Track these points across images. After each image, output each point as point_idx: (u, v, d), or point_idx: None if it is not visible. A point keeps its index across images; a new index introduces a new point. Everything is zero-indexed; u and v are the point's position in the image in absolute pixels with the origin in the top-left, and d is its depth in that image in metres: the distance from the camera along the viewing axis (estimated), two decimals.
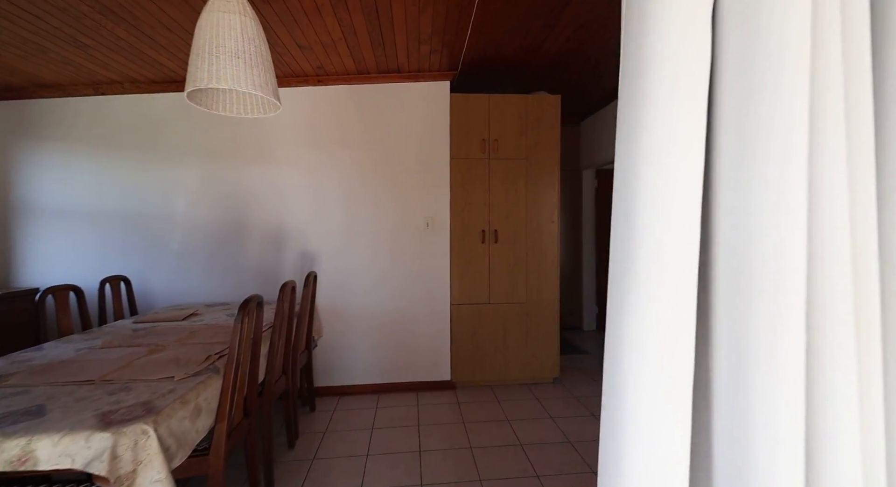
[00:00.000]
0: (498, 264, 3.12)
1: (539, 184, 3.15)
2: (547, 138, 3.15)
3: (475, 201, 3.11)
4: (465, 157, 3.10)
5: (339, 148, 3.06)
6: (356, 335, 3.05)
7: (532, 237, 3.14)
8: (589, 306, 4.79)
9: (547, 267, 3.15)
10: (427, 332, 3.09)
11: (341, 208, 3.05)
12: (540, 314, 3.14)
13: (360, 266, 3.05)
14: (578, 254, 4.85)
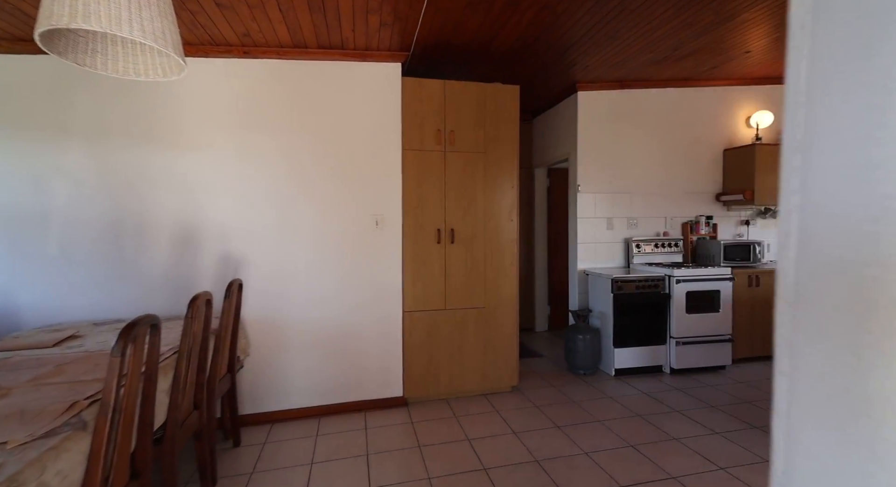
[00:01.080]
0: (455, 267, 2.86)
1: (498, 180, 2.94)
2: (506, 132, 2.94)
3: (430, 197, 2.82)
4: (419, 148, 2.80)
5: (271, 134, 2.61)
6: (292, 351, 2.62)
7: (491, 237, 2.92)
8: (541, 307, 4.71)
9: (506, 269, 2.95)
10: (376, 344, 2.75)
11: (274, 204, 2.60)
12: (499, 319, 2.93)
13: (298, 272, 2.63)
14: (531, 254, 4.75)
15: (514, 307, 2.96)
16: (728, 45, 3.11)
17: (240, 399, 2.52)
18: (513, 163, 2.96)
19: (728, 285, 3.33)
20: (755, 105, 4.06)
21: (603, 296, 3.37)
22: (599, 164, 3.82)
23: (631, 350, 3.25)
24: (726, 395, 2.84)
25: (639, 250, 3.74)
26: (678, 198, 3.97)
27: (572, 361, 3.29)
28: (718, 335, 3.31)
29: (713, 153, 4.02)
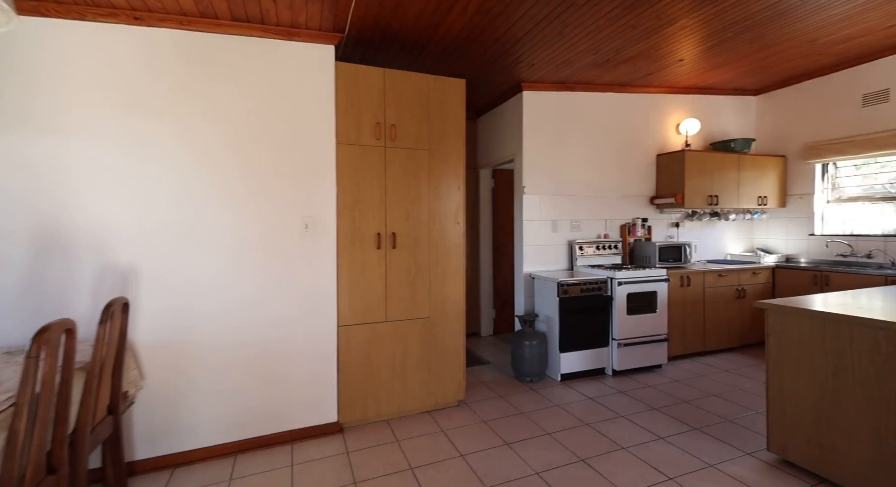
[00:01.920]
0: (397, 275, 2.60)
1: (444, 180, 2.73)
2: (452, 128, 2.74)
3: (369, 197, 2.53)
4: (356, 143, 2.51)
5: (172, 120, 2.16)
6: (201, 378, 2.20)
7: (436, 242, 2.71)
8: (486, 310, 4.60)
9: (452, 275, 2.75)
10: (306, 364, 2.41)
11: (176, 203, 2.16)
12: (445, 329, 2.73)
13: (208, 284, 2.21)
14: (476, 256, 4.63)
15: (461, 317, 2.78)
16: (664, 52, 3.17)
17: (131, 443, 2.06)
18: (459, 162, 2.77)
19: (664, 286, 3.43)
20: (684, 113, 4.27)
21: (549, 300, 3.31)
22: (544, 165, 3.77)
23: (576, 354, 3.22)
24: (665, 395, 2.90)
25: (581, 252, 3.75)
26: (617, 201, 4.05)
27: (519, 368, 3.18)
28: (656, 335, 3.40)
29: (648, 158, 4.16)
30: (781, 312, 2.03)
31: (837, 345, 1.82)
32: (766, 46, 3.20)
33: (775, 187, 4.25)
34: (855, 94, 3.72)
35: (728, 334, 3.83)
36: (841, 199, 3.97)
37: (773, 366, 2.07)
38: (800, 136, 4.16)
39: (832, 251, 3.90)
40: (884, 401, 1.67)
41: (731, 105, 4.46)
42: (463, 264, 2.79)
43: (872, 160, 3.72)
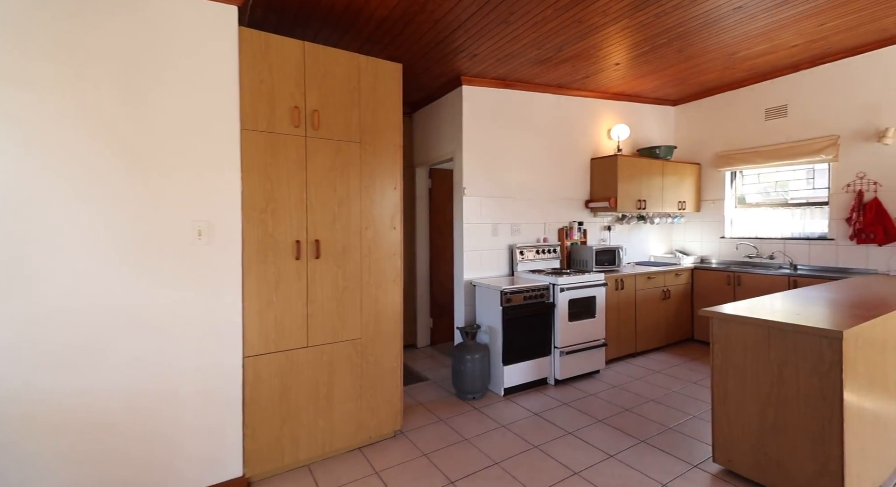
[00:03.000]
0: (321, 290, 2.18)
1: (378, 178, 2.36)
2: (387, 118, 2.39)
3: (285, 197, 2.08)
4: (268, 130, 2.04)
5: (3, 82, 1.53)
6: (31, 446, 1.59)
7: (369, 249, 2.33)
8: (423, 320, 4.30)
9: (387, 287, 2.40)
10: (198, 410, 1.89)
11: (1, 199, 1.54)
12: (379, 351, 2.37)
13: (51, 313, 1.61)
14: (412, 262, 4.30)
15: (398, 335, 2.44)
16: (604, 53, 3.13)
17: None
18: (396, 157, 2.43)
19: (602, 291, 3.42)
20: (615, 119, 4.36)
21: (491, 309, 3.10)
22: (485, 166, 3.56)
23: (519, 366, 3.06)
24: (607, 404, 2.84)
25: (522, 256, 3.61)
26: (555, 204, 3.99)
27: (461, 385, 2.93)
28: (595, 340, 3.37)
29: (583, 161, 4.17)
30: (726, 320, 2.01)
31: (781, 354, 1.81)
32: (692, 57, 3.31)
33: (692, 192, 4.53)
34: (759, 108, 4.06)
35: (656, 334, 3.96)
36: (746, 204, 4.33)
37: (717, 375, 2.05)
38: (712, 145, 4.47)
39: (741, 253, 4.23)
40: (828, 410, 1.67)
41: (655, 113, 4.67)
42: (400, 274, 2.45)
43: (773, 169, 4.09)
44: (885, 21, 2.83)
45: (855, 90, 3.44)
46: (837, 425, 1.64)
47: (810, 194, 3.85)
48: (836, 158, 3.56)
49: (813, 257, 3.74)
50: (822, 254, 3.67)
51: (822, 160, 3.65)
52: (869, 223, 3.35)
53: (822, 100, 3.63)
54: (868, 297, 2.29)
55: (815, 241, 3.74)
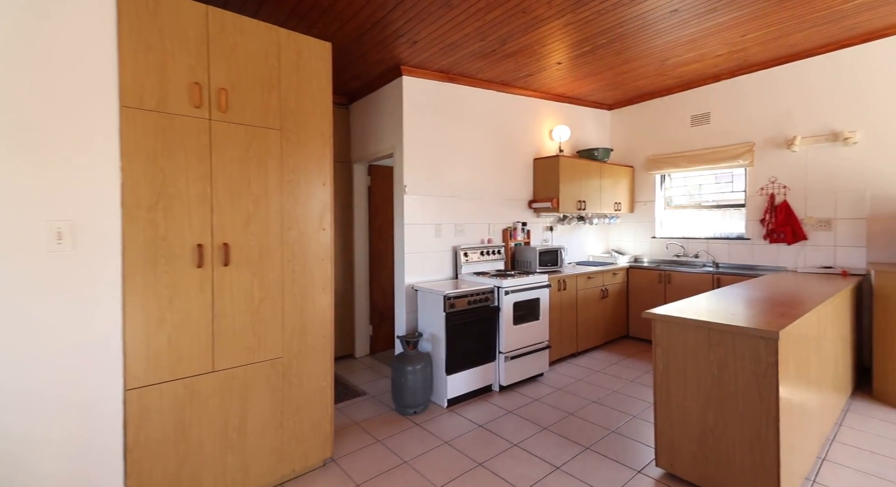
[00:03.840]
0: (231, 303, 1.84)
1: (303, 171, 2.06)
2: (314, 103, 2.09)
3: (182, 192, 1.72)
4: (158, 109, 1.67)
5: None
6: None
7: (293, 254, 2.02)
8: (362, 328, 4.00)
9: (315, 296, 2.11)
10: (61, 460, 1.48)
11: None
12: (306, 369, 2.07)
13: None
14: (349, 266, 3.98)
15: (328, 350, 2.15)
16: (547, 50, 3.07)
17: None
18: (325, 148, 2.14)
19: (546, 293, 3.37)
20: (556, 120, 4.38)
21: (434, 315, 2.91)
22: (427, 163, 3.36)
23: (463, 375, 2.89)
24: (552, 409, 2.77)
25: (467, 258, 3.46)
26: (499, 204, 3.90)
27: (401, 400, 2.70)
28: (539, 342, 3.31)
29: (526, 161, 4.13)
30: (668, 322, 1.99)
31: (721, 355, 1.81)
32: (629, 60, 3.37)
33: (627, 194, 4.69)
34: (686, 115, 4.28)
35: (595, 333, 4.02)
36: (674, 206, 4.57)
37: (660, 378, 2.02)
38: (644, 149, 4.65)
39: (671, 252, 4.44)
40: (764, 409, 1.68)
41: (593, 117, 4.78)
42: (331, 281, 2.16)
43: (697, 173, 4.34)
44: (794, 36, 3.05)
45: (768, 101, 3.72)
46: (773, 423, 1.66)
47: (730, 197, 4.13)
48: (751, 163, 3.83)
49: (732, 255, 4.00)
50: (740, 252, 3.94)
51: (740, 165, 3.91)
52: (780, 224, 3.64)
53: (740, 109, 3.89)
54: (786, 294, 2.42)
55: (733, 240, 4.01)
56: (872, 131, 3.19)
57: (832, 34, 3.05)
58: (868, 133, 3.21)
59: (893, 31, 3.01)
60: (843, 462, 2.08)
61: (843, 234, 3.36)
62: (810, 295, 2.37)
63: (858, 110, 3.25)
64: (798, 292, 2.49)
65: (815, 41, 3.18)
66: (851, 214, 3.31)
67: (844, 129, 3.31)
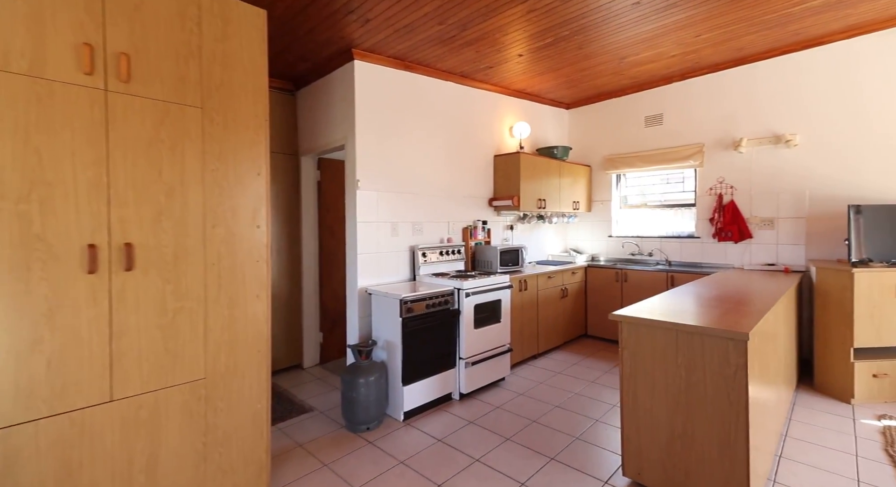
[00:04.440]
0: (136, 316, 1.51)
1: (232, 159, 1.76)
2: (244, 78, 1.79)
3: (68, 179, 1.37)
4: (32, 73, 1.32)
5: None
6: None
7: (220, 255, 1.72)
8: (311, 335, 3.68)
9: (248, 304, 1.81)
10: None
11: None
12: (233, 390, 1.77)
13: None
14: (297, 268, 3.64)
15: (264, 366, 1.86)
16: (509, 40, 2.93)
17: None
18: (259, 133, 1.84)
19: (508, 294, 3.24)
20: (516, 116, 4.28)
21: (389, 321, 2.68)
22: (382, 156, 3.12)
23: (421, 384, 2.69)
24: (514, 417, 2.63)
25: (425, 259, 3.26)
26: (459, 201, 3.73)
27: (352, 416, 2.44)
28: (500, 346, 3.17)
29: (486, 158, 3.99)
30: (635, 324, 1.90)
31: (689, 357, 1.73)
32: (589, 56, 3.32)
33: (584, 193, 4.69)
34: (640, 115, 4.34)
35: (555, 333, 3.96)
36: (629, 205, 4.63)
37: (627, 382, 1.93)
38: (601, 148, 4.68)
39: (626, 251, 4.49)
40: (733, 413, 1.62)
41: (551, 115, 4.74)
42: (267, 286, 1.87)
43: (651, 173, 4.42)
44: (744, 39, 3.13)
45: (716, 103, 3.83)
46: (743, 427, 1.60)
47: (681, 197, 4.23)
48: (701, 163, 3.93)
49: (684, 253, 4.10)
50: (691, 251, 4.05)
51: (691, 166, 4.01)
52: (727, 223, 3.76)
53: (691, 111, 3.99)
54: (742, 292, 2.43)
55: (685, 239, 4.10)
56: (811, 134, 3.35)
57: (778, 39, 3.16)
58: (807, 136, 3.37)
59: (831, 39, 3.17)
60: (797, 458, 2.10)
61: (784, 232, 3.52)
62: (764, 293, 2.39)
63: (799, 114, 3.40)
64: (752, 290, 2.52)
65: (761, 46, 3.28)
66: (792, 213, 3.47)
67: (786, 132, 3.46)
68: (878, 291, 2.68)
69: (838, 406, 2.67)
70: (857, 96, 3.15)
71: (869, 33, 3.05)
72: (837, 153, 3.24)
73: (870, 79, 3.09)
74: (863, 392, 2.71)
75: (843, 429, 2.37)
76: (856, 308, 2.68)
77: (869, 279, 2.68)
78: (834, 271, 2.80)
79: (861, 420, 2.46)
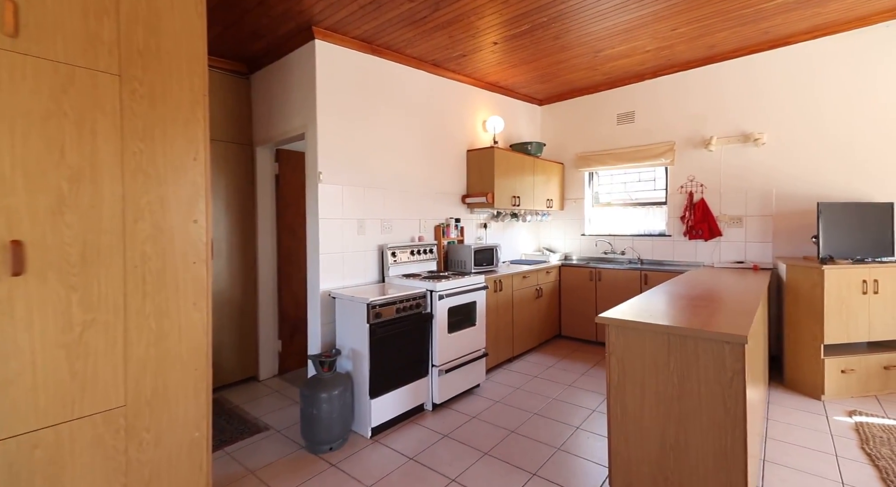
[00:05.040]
0: (28, 332, 1.20)
1: (160, 138, 1.46)
2: (177, 45, 1.50)
3: None
4: None
5: None
6: None
7: (143, 255, 1.42)
8: (269, 344, 3.35)
9: (182, 313, 1.52)
10: None
11: None
12: (164, 417, 1.47)
13: None
14: (252, 270, 3.30)
15: (202, 386, 1.57)
16: (484, 25, 2.75)
17: None
18: (196, 110, 1.55)
19: (483, 295, 3.07)
20: (490, 110, 4.13)
21: (356, 328, 2.43)
22: (347, 147, 2.86)
23: (391, 396, 2.46)
24: (492, 428, 2.46)
25: (395, 259, 3.02)
26: (431, 198, 3.52)
27: (313, 435, 2.18)
28: (476, 351, 2.99)
29: (459, 152, 3.81)
30: (624, 327, 1.76)
31: (683, 363, 1.61)
32: (566, 47, 3.21)
33: (558, 190, 4.61)
34: (613, 113, 4.30)
35: (530, 334, 3.84)
36: (601, 203, 4.59)
37: (615, 391, 1.79)
38: (573, 146, 4.61)
39: (599, 249, 4.44)
40: (730, 424, 1.51)
41: (524, 110, 4.63)
42: (207, 291, 1.59)
43: (623, 171, 4.39)
44: (717, 36, 3.11)
45: (687, 101, 3.83)
46: (741, 436, 1.49)
47: (652, 195, 4.22)
48: (672, 162, 3.93)
49: (655, 251, 4.08)
50: (663, 249, 4.04)
51: (663, 164, 4.00)
52: (698, 221, 3.77)
53: (662, 109, 3.98)
54: (722, 291, 2.37)
55: (656, 237, 4.09)
56: (778, 133, 3.40)
57: (748, 37, 3.17)
58: (774, 135, 3.41)
59: (796, 39, 3.22)
60: (780, 460, 2.05)
61: (752, 230, 3.55)
62: (746, 292, 2.34)
63: (766, 113, 3.44)
64: (731, 288, 2.47)
65: (732, 44, 3.29)
66: (760, 211, 3.51)
67: (754, 131, 3.49)
68: (846, 287, 2.72)
69: (810, 403, 2.68)
70: (818, 97, 3.21)
71: (831, 35, 3.11)
72: (801, 153, 3.30)
73: (830, 81, 3.15)
74: (832, 388, 2.74)
75: (818, 428, 2.35)
76: (826, 305, 2.70)
77: (838, 276, 2.71)
78: (804, 269, 2.81)
79: (834, 418, 2.47)
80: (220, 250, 3.09)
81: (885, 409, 2.56)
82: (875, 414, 2.48)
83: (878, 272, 2.74)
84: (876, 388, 2.78)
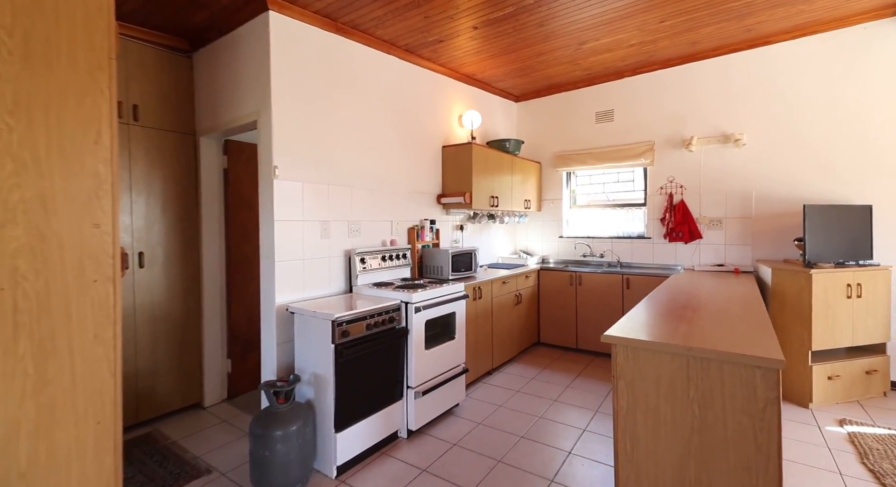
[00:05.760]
0: None
1: (42, 111, 1.07)
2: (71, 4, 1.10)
3: None
4: None
5: None
6: None
7: (12, 273, 1.02)
8: (215, 364, 2.90)
9: (76, 351, 1.13)
10: None
11: None
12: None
13: None
14: (195, 280, 2.84)
15: (108, 444, 1.18)
16: (463, 6, 2.47)
17: None
18: (98, 74, 1.16)
19: (462, 305, 2.78)
20: (466, 104, 3.86)
21: (318, 349, 2.07)
22: (307, 138, 2.49)
23: (360, 427, 2.12)
24: (475, 457, 2.18)
25: (364, 265, 2.68)
26: (405, 197, 3.20)
27: (264, 481, 1.81)
28: (455, 367, 2.71)
29: (434, 148, 3.51)
30: (633, 348, 1.53)
31: (705, 391, 1.40)
32: (549, 37, 2.99)
33: (535, 191, 4.42)
34: (591, 111, 4.15)
35: (510, 344, 3.60)
36: (579, 205, 4.44)
37: (623, 421, 1.56)
38: (551, 145, 4.44)
39: (578, 252, 4.28)
40: (762, 462, 1.30)
41: (501, 106, 4.40)
42: (116, 319, 1.20)
43: (602, 171, 4.26)
44: (701, 31, 3.00)
45: (667, 100, 3.73)
46: (775, 476, 1.29)
47: (631, 196, 4.11)
48: (652, 162, 3.82)
49: (635, 254, 3.97)
50: (642, 251, 3.93)
51: (642, 164, 3.89)
52: (678, 223, 3.68)
53: (641, 108, 3.86)
54: (724, 299, 2.22)
55: (636, 239, 3.98)
56: (757, 134, 3.34)
57: (731, 34, 3.08)
58: (753, 136, 3.36)
59: (777, 39, 3.17)
60: (787, 482, 1.90)
61: (732, 233, 3.49)
62: (742, 300, 2.20)
63: (746, 114, 3.38)
64: (728, 297, 2.33)
65: (714, 40, 3.19)
66: (739, 213, 3.45)
67: (734, 131, 3.43)
68: (832, 292, 2.66)
69: (799, 412, 2.59)
70: (795, 99, 3.17)
71: (810, 36, 3.08)
72: (780, 154, 3.26)
73: (807, 82, 3.12)
74: (819, 396, 2.67)
75: (814, 441, 2.25)
76: (814, 310, 2.63)
77: (825, 280, 2.65)
78: (791, 273, 2.74)
79: (826, 428, 2.38)
80: (155, 257, 2.62)
81: (872, 416, 2.51)
82: (864, 423, 2.42)
83: (861, 276, 2.71)
84: (858, 393, 2.74)
